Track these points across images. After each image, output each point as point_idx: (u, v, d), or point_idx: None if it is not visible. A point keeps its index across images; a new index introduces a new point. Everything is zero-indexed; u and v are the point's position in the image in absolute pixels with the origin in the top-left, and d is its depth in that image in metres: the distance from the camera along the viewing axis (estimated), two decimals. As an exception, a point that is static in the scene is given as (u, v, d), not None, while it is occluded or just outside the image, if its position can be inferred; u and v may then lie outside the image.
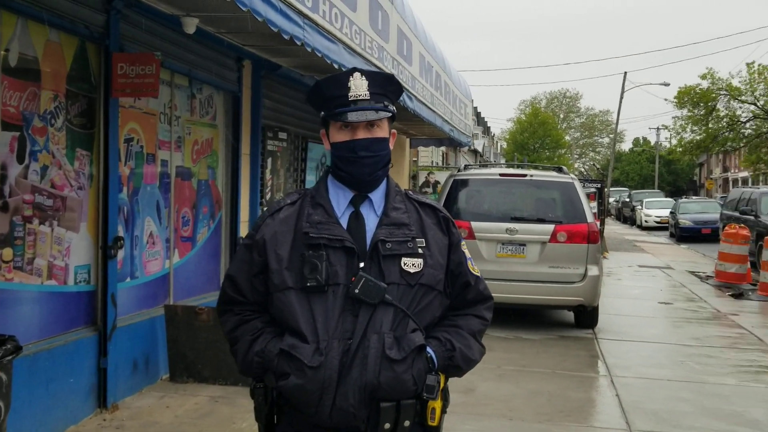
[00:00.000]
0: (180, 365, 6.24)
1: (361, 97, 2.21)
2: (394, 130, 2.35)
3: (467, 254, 2.37)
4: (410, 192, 2.38)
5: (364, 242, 2.20)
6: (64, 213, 5.10)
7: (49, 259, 4.96)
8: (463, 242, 2.38)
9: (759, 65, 33.28)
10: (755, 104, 33.70)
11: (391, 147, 2.34)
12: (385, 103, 2.26)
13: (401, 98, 2.52)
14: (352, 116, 2.20)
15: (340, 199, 2.27)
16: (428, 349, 2.19)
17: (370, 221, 2.24)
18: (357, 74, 2.24)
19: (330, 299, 2.14)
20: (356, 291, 2.11)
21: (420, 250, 2.21)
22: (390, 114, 2.28)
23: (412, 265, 2.19)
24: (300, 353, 2.10)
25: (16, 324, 4.58)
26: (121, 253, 5.69)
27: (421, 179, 19.72)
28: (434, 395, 2.16)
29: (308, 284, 2.13)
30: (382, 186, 2.31)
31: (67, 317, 5.17)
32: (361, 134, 2.22)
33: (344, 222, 2.23)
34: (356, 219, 2.24)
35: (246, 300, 2.29)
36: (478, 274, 2.39)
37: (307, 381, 2.08)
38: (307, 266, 2.14)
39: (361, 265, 2.16)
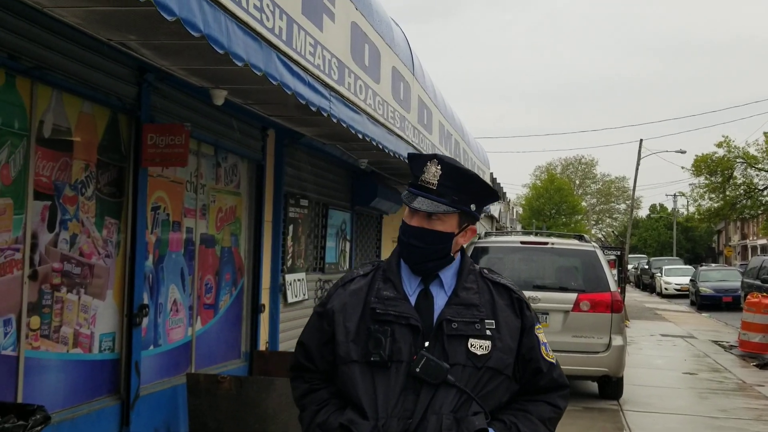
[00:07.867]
0: (201, 435, 6.15)
1: (429, 185, 2.17)
2: (473, 226, 2.27)
3: (542, 339, 2.27)
4: (485, 270, 2.31)
5: (431, 321, 2.16)
6: (91, 281, 5.13)
7: (75, 327, 4.98)
8: (538, 326, 2.29)
9: (776, 133, 33.46)
10: (772, 172, 33.74)
11: (464, 243, 2.27)
12: (455, 198, 2.18)
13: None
14: (414, 202, 2.18)
15: (411, 276, 2.24)
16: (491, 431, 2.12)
17: (440, 300, 2.20)
18: (435, 161, 2.19)
19: (392, 376, 2.10)
20: (417, 370, 2.08)
21: (488, 332, 2.15)
22: (454, 211, 2.19)
23: (479, 347, 2.13)
24: (358, 430, 2.07)
25: (42, 393, 4.57)
26: (145, 321, 5.70)
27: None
28: None
29: (372, 359, 2.11)
30: (455, 264, 2.26)
31: (90, 385, 5.15)
32: (416, 222, 2.20)
33: (413, 299, 2.20)
34: (425, 297, 2.20)
35: (315, 368, 2.27)
36: (553, 361, 2.28)
37: None
38: (372, 341, 2.12)
39: (426, 344, 2.12)
